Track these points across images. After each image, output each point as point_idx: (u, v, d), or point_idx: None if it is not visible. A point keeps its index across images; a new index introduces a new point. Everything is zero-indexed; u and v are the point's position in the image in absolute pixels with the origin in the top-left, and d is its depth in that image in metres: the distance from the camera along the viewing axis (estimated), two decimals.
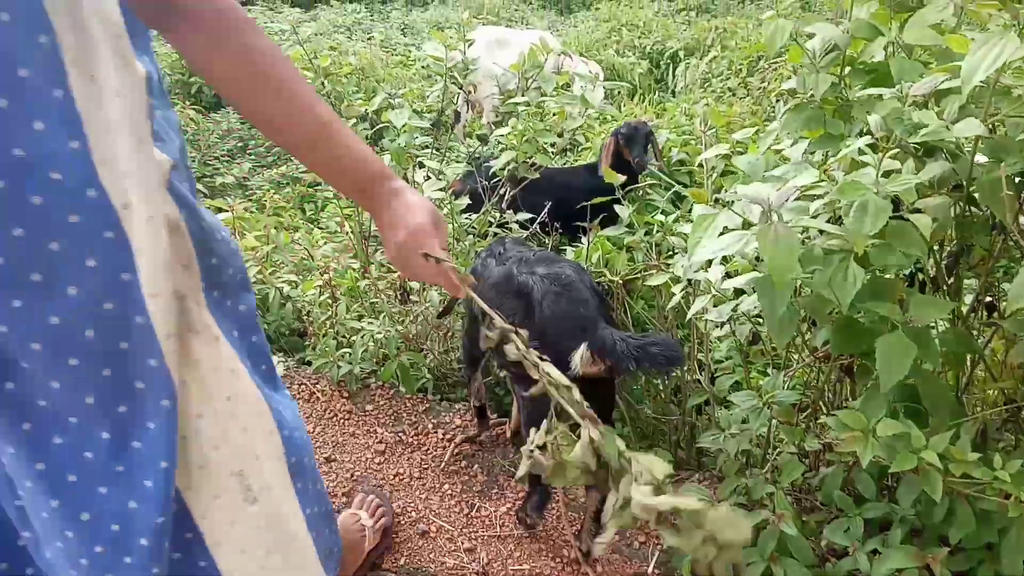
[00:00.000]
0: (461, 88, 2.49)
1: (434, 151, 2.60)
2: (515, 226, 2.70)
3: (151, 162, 0.97)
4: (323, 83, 2.45)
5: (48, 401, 0.97)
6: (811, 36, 1.49)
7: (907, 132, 1.18)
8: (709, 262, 1.64)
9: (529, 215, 2.72)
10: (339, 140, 1.09)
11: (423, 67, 6.46)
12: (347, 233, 3.07)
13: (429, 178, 2.32)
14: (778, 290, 1.13)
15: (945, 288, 1.61)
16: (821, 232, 1.21)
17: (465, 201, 2.48)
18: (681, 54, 7.16)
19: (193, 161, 4.65)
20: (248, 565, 1.14)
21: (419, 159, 2.42)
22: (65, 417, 0.98)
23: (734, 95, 5.67)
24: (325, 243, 3.18)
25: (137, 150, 0.95)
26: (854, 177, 1.19)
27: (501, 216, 2.68)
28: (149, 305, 0.98)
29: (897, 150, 1.19)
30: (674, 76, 6.71)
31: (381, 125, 2.37)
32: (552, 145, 2.37)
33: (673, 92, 5.84)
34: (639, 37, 7.59)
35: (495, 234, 2.65)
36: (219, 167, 4.80)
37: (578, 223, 3.19)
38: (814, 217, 1.20)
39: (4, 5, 0.82)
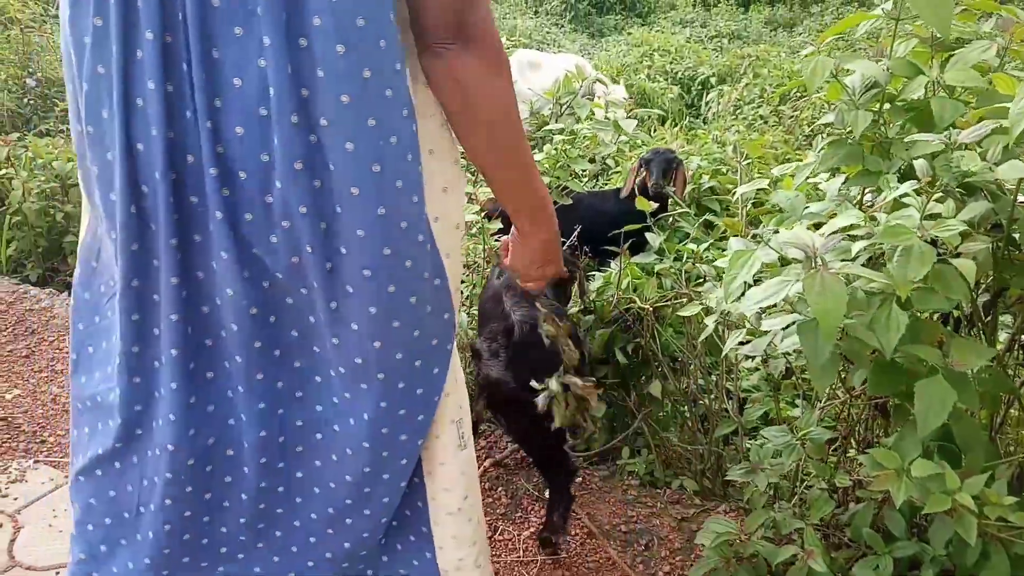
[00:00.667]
0: None
1: (469, 174, 2.63)
2: None
3: (448, 138, 1.15)
4: None
5: (363, 359, 1.13)
6: (850, 72, 1.50)
7: (955, 179, 1.18)
8: (743, 292, 1.64)
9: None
10: (533, 182, 1.18)
11: None
12: None
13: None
14: (825, 339, 1.13)
15: (981, 326, 1.60)
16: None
17: (497, 225, 2.50)
18: (713, 80, 7.17)
19: None
20: (450, 502, 1.32)
21: None
22: (375, 374, 1.14)
23: (765, 123, 5.67)
24: None
25: (440, 131, 1.13)
26: (896, 219, 1.18)
27: None
28: (446, 266, 1.16)
29: (941, 194, 1.19)
30: (706, 103, 6.73)
31: None
32: (584, 171, 2.38)
33: (704, 120, 5.84)
34: (670, 63, 7.62)
35: None
36: None
37: (607, 248, 3.19)
38: (855, 259, 1.19)
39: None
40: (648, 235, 2.33)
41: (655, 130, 6.37)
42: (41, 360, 2.90)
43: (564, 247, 2.75)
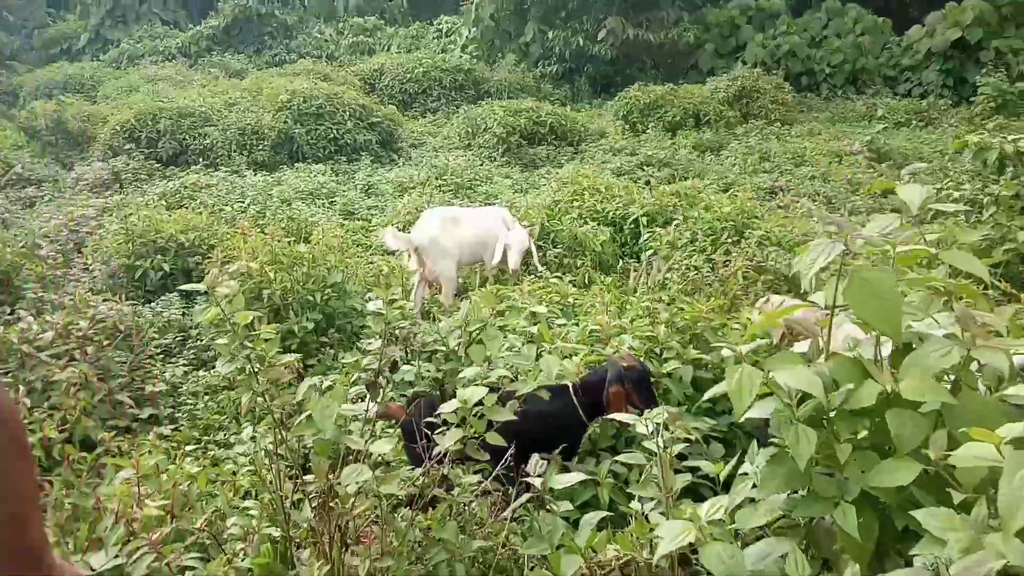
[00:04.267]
0: (400, 341, 2.22)
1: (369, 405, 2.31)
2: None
3: None
4: (243, 344, 2.16)
5: None
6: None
7: None
8: None
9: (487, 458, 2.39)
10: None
11: (380, 245, 6.31)
12: (269, 484, 2.69)
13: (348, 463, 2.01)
14: None
15: None
16: None
17: (397, 482, 2.11)
18: (644, 220, 7.07)
19: (123, 365, 4.30)
20: None
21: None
22: None
23: (698, 272, 5.51)
24: (248, 494, 2.81)
25: None
26: None
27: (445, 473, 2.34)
28: None
29: None
30: (638, 244, 6.60)
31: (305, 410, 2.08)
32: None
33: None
34: (601, 202, 7.54)
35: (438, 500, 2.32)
36: (152, 369, 4.44)
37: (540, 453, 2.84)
38: None
39: None
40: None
41: (587, 276, 6.18)
42: None
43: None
